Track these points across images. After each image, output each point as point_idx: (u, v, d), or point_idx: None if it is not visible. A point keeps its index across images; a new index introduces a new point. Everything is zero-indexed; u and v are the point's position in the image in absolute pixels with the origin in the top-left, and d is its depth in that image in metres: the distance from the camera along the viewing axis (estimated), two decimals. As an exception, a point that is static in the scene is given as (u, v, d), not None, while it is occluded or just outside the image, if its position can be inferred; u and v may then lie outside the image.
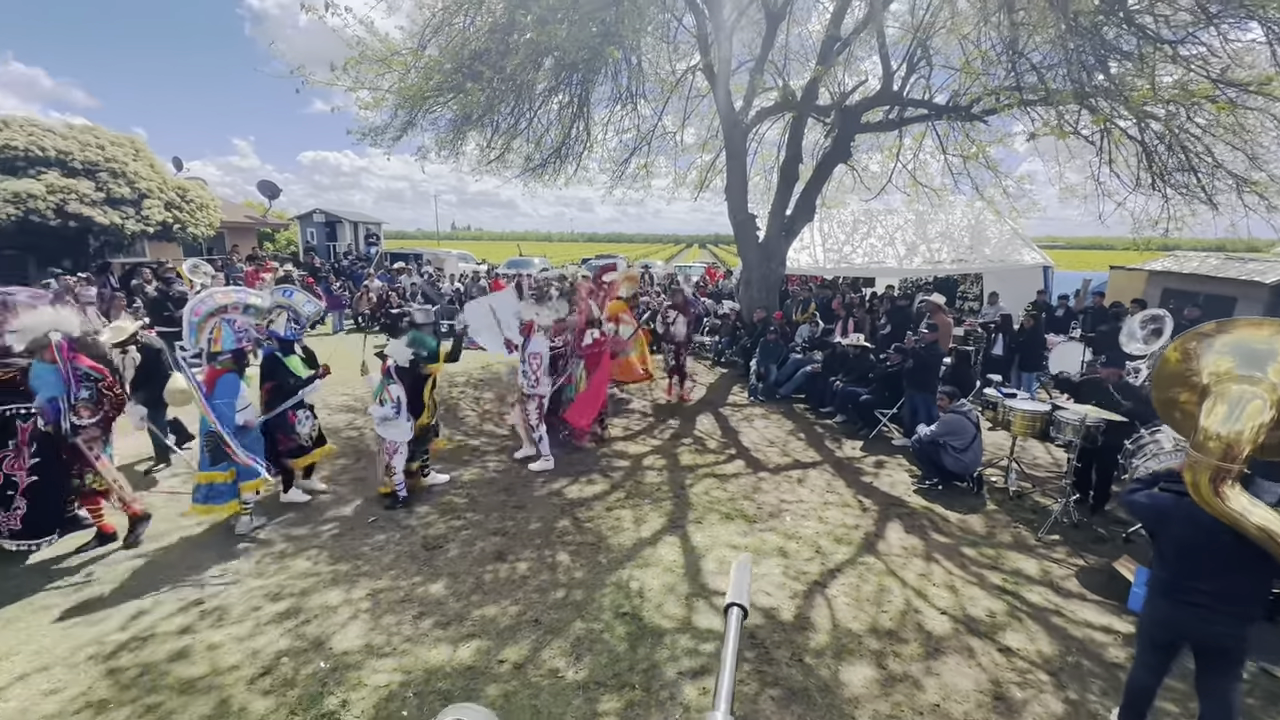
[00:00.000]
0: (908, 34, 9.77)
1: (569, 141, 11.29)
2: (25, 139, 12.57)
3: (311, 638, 3.60)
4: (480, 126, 10.13)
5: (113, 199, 13.13)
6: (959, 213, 14.85)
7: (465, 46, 8.42)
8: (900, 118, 10.72)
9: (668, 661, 3.46)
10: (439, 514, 5.25)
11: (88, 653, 3.44)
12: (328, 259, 22.08)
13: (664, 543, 4.85)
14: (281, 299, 5.41)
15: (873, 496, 5.89)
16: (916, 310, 11.19)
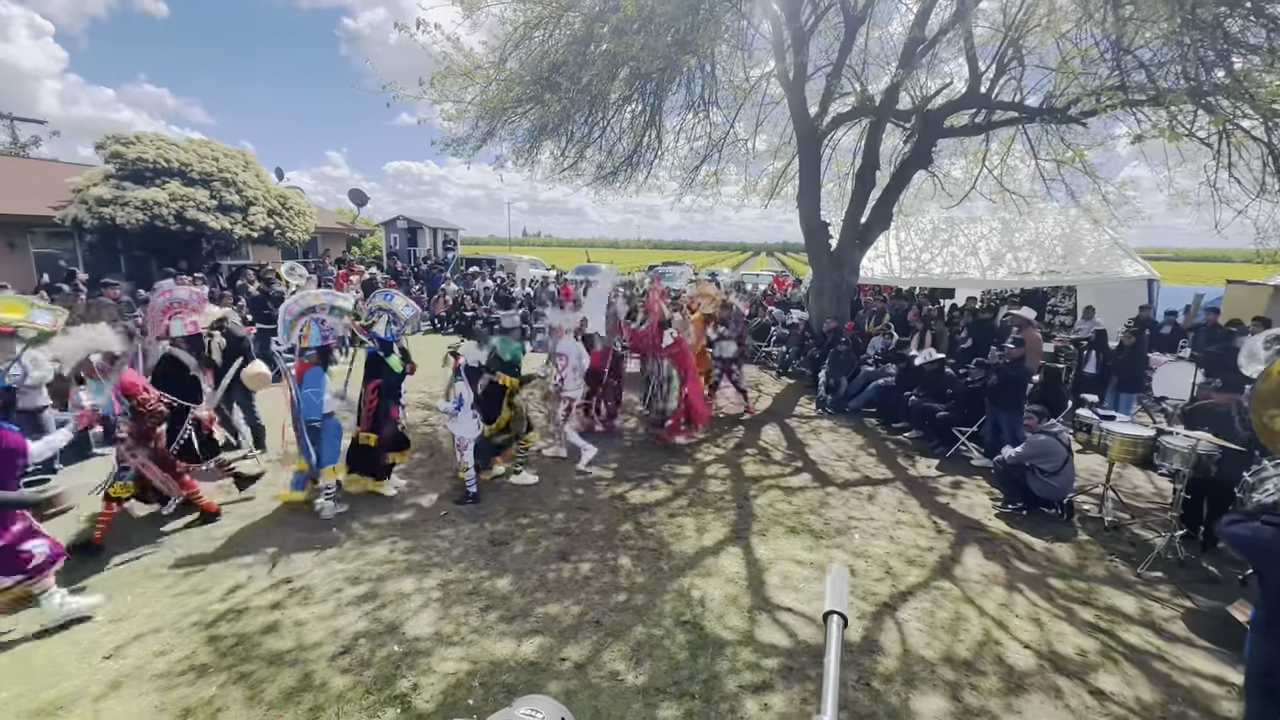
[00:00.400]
0: (998, 34, 9.29)
1: (640, 149, 11.41)
2: (154, 152, 13.97)
3: (386, 622, 3.78)
4: (555, 136, 10.42)
5: (224, 206, 14.36)
6: (1050, 221, 13.95)
7: (544, 59, 8.69)
8: (988, 121, 10.21)
9: (729, 674, 3.41)
10: (505, 511, 5.41)
11: (192, 620, 3.76)
12: (408, 263, 23.24)
13: (726, 553, 4.79)
14: (382, 302, 5.74)
15: (949, 518, 5.59)
16: (1001, 324, 10.59)
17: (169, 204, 13.34)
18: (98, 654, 3.43)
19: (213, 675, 3.29)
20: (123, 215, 12.91)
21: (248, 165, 15.68)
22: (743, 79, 11.02)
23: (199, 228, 13.79)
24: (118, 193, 13.08)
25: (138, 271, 14.53)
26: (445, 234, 28.16)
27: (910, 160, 10.64)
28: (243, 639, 3.59)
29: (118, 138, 14.05)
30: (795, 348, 11.87)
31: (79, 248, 14.62)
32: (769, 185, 13.35)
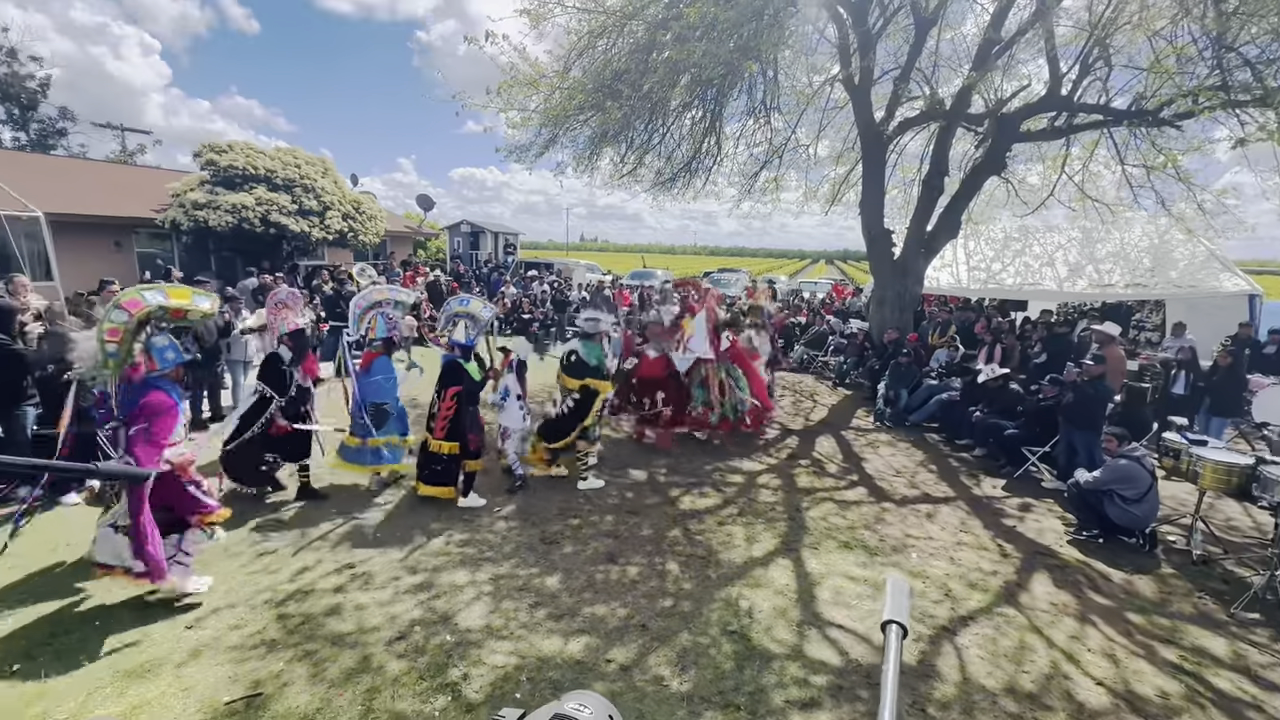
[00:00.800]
0: (1082, 33, 8.82)
1: (699, 155, 11.43)
2: (244, 160, 15.01)
3: (440, 612, 3.91)
4: (615, 143, 10.57)
5: (303, 210, 15.27)
6: (1138, 230, 13.08)
7: (607, 67, 8.84)
8: (1069, 125, 9.69)
9: (775, 688, 3.35)
10: (557, 511, 5.50)
11: (264, 598, 4.00)
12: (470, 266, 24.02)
13: (776, 565, 4.71)
14: (459, 307, 5.90)
15: (1016, 542, 5.31)
16: (1079, 339, 10.00)
17: (255, 208, 14.30)
18: (182, 624, 3.70)
19: (280, 651, 3.49)
20: (214, 218, 13.93)
21: (326, 172, 16.61)
22: (806, 84, 10.87)
23: (280, 230, 14.71)
24: (210, 197, 14.12)
25: (225, 270, 15.63)
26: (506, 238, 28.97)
27: (982, 166, 10.22)
28: (308, 619, 3.80)
29: (212, 146, 15.17)
30: (853, 358, 11.56)
31: (176, 248, 15.85)
32: (830, 191, 13.10)
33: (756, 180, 12.44)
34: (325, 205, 15.82)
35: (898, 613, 0.98)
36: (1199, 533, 5.35)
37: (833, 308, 16.27)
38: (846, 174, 12.64)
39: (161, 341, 3.89)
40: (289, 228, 14.78)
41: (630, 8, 8.67)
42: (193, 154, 15.33)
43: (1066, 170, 11.02)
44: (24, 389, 5.33)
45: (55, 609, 3.80)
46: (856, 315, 15.02)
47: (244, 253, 15.66)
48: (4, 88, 25.83)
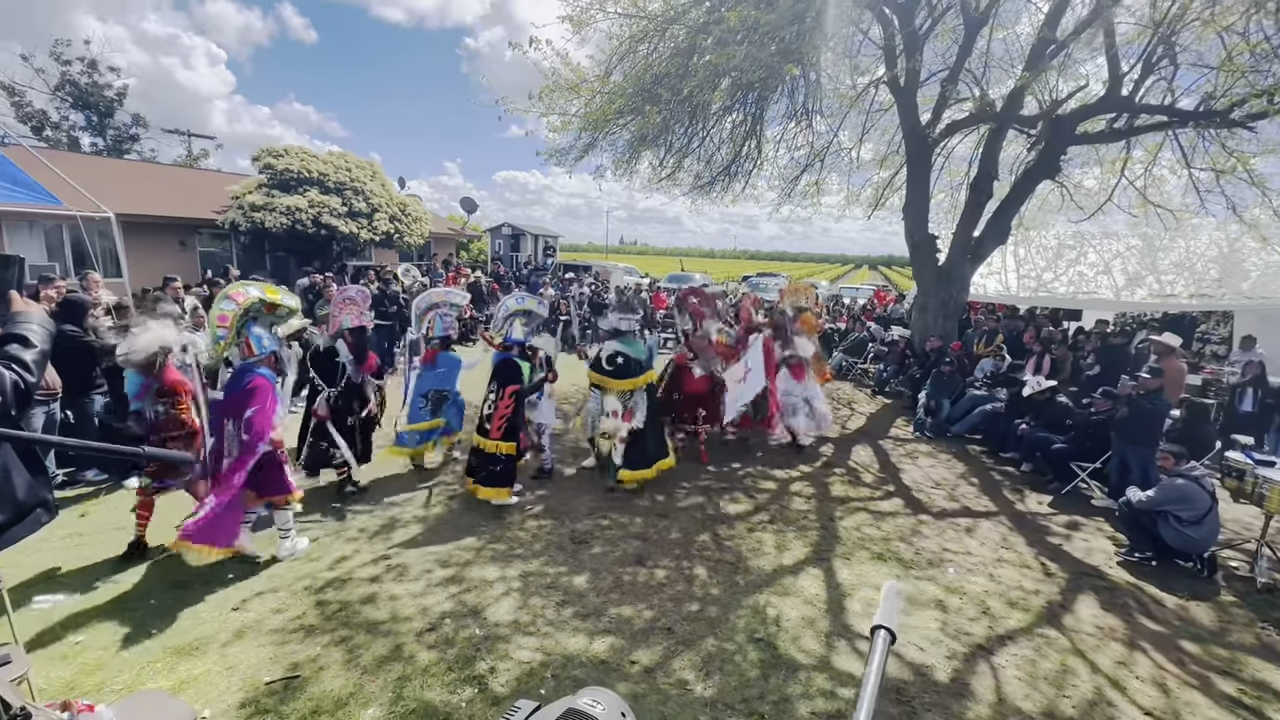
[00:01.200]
0: (1145, 30, 8.42)
1: (739, 159, 11.38)
2: (298, 164, 15.67)
3: (470, 605, 4.00)
4: (655, 146, 10.61)
5: (353, 212, 15.84)
6: (1205, 238, 12.39)
7: (647, 72, 8.90)
8: (1129, 126, 9.28)
9: (801, 698, 3.31)
10: (588, 511, 5.55)
11: (304, 584, 4.16)
12: (510, 268, 24.46)
13: (806, 573, 4.64)
14: (517, 305, 6.07)
15: (1060, 561, 5.10)
16: (1136, 351, 9.54)
17: (308, 210, 14.90)
18: (228, 605, 3.88)
19: (318, 636, 3.63)
20: (270, 219, 14.57)
21: (374, 175, 17.19)
22: (849, 86, 10.70)
23: (331, 231, 15.29)
24: (267, 199, 14.79)
25: (279, 269, 16.31)
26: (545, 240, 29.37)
27: (1035, 169, 9.87)
28: (345, 606, 3.93)
29: (270, 150, 15.88)
30: (894, 366, 11.30)
31: (234, 247, 16.64)
32: (873, 195, 12.85)
33: (797, 184, 12.30)
34: (373, 207, 16.37)
35: (887, 618, 0.98)
36: (1265, 559, 5.03)
37: (873, 314, 15.94)
38: (891, 178, 12.37)
39: (258, 330, 4.31)
40: (339, 229, 15.34)
41: (671, 12, 8.71)
42: (252, 158, 16.08)
43: (1127, 174, 10.53)
44: (93, 379, 5.69)
45: (115, 587, 4.04)
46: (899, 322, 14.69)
47: (297, 253, 16.33)
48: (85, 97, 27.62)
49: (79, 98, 27.50)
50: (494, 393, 5.49)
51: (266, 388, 4.19)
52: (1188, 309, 11.67)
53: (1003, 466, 7.53)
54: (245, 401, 4.10)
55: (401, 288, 12.12)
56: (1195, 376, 9.22)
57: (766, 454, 7.48)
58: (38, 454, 2.21)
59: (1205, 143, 9.09)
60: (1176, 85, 8.72)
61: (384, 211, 16.66)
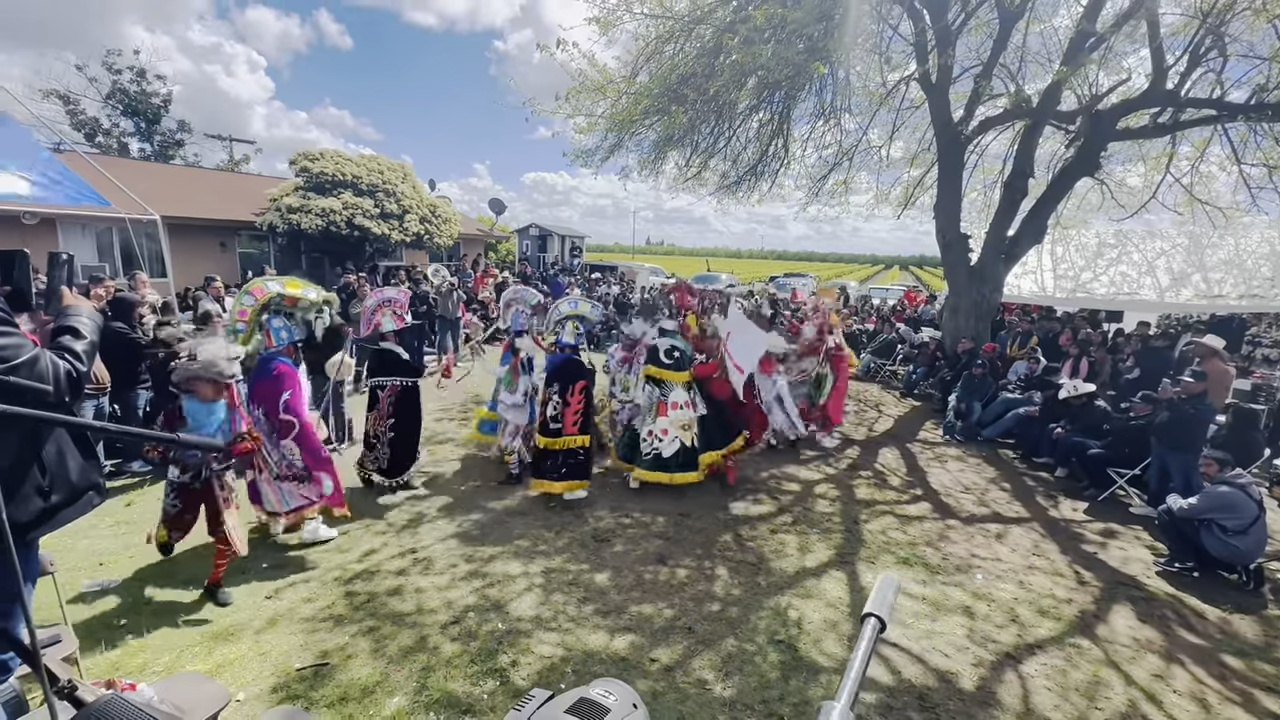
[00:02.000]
0: (1192, 21, 8.12)
1: (766, 158, 11.31)
2: (333, 167, 16.08)
3: (493, 599, 4.07)
4: (681, 146, 10.62)
5: (385, 213, 16.19)
6: (1256, 236, 11.88)
7: (673, 72, 8.90)
8: (1175, 121, 8.96)
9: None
10: (610, 510, 5.58)
11: (334, 575, 4.29)
12: (537, 269, 24.69)
13: (829, 576, 4.61)
14: (570, 309, 6.17)
15: (1095, 569, 4.96)
16: (1180, 355, 9.20)
17: (342, 212, 15.29)
18: (261, 594, 4.02)
19: (347, 625, 3.73)
20: (306, 221, 14.99)
21: (405, 177, 17.54)
22: (878, 83, 10.55)
23: (364, 233, 15.65)
24: (303, 202, 15.21)
25: (314, 270, 16.77)
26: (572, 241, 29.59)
27: (1073, 167, 9.60)
28: (373, 597, 4.04)
29: (306, 154, 16.34)
30: (924, 367, 11.10)
31: (271, 248, 17.15)
32: (903, 194, 12.66)
33: (825, 183, 12.18)
34: (405, 209, 16.70)
35: (879, 607, 0.99)
36: (1316, 572, 4.81)
37: (903, 315, 15.67)
38: (921, 176, 12.16)
39: (278, 323, 4.51)
40: (371, 230, 15.69)
41: (698, 12, 8.70)
42: (289, 161, 16.57)
43: (1172, 171, 10.17)
44: (138, 374, 5.94)
45: (157, 573, 4.22)
46: (929, 323, 14.41)
47: (331, 253, 16.76)
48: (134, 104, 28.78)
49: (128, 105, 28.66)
50: (557, 393, 5.61)
51: (292, 373, 4.39)
52: (1237, 310, 11.20)
53: (1036, 472, 7.34)
54: (276, 388, 4.30)
55: (431, 288, 12.35)
56: (1244, 381, 8.84)
57: (790, 456, 7.42)
58: (89, 439, 2.33)
59: (1257, 137, 8.73)
60: (1226, 77, 8.40)
61: (415, 213, 16.98)
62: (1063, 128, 10.30)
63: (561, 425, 5.57)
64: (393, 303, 5.72)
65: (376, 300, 5.72)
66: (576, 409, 5.58)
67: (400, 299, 5.80)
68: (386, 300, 5.72)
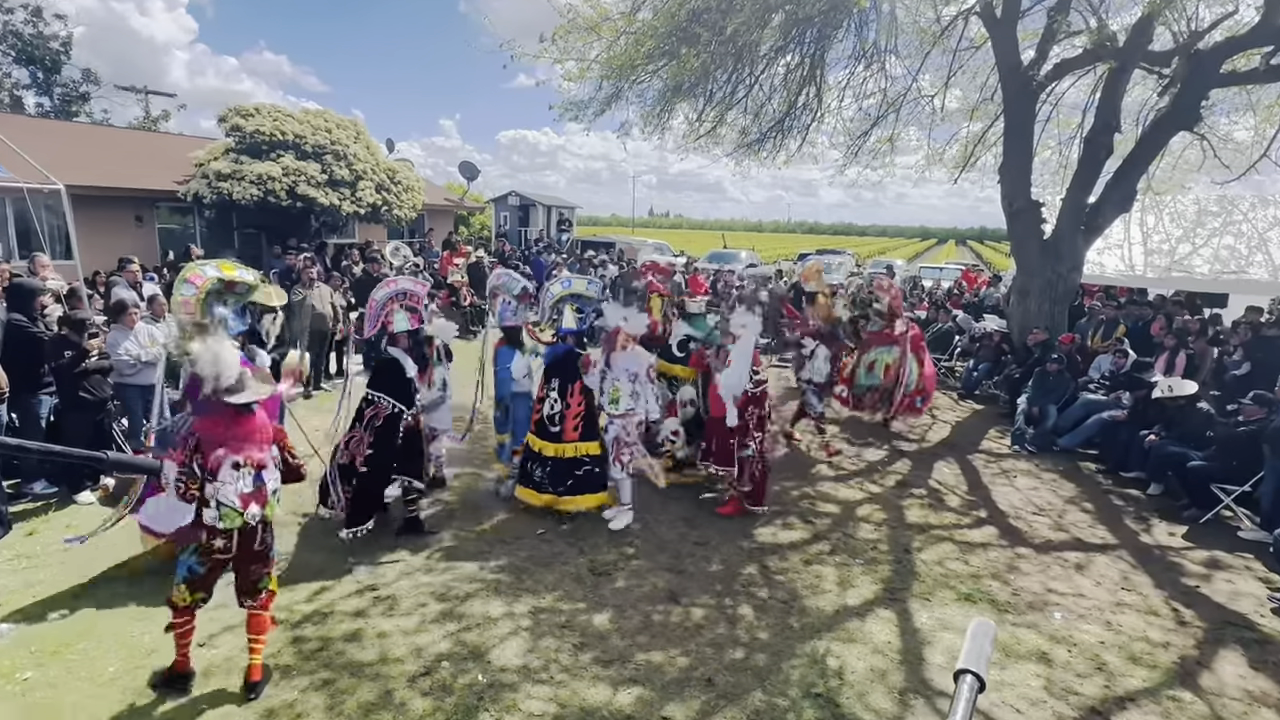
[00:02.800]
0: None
1: (794, 111, 11.29)
2: (271, 124, 16.06)
3: (471, 645, 4.08)
4: (691, 97, 10.61)
5: (333, 180, 16.18)
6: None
7: (682, 7, 8.89)
8: (1291, 62, 8.91)
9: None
10: (609, 537, 5.60)
11: (279, 617, 4.29)
12: (518, 245, 24.70)
13: (875, 616, 4.62)
14: (562, 289, 6.10)
15: (1198, 607, 4.97)
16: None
17: (282, 179, 15.27)
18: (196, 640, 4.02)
19: (295, 678, 3.75)
20: (239, 190, 14.98)
21: (358, 136, 17.53)
22: (931, 19, 10.52)
23: (308, 203, 15.65)
24: (235, 167, 15.20)
25: (249, 248, 16.79)
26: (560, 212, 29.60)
27: (1167, 119, 9.59)
28: (326, 643, 4.05)
29: (238, 110, 16.32)
30: (987, 363, 11.11)
31: (198, 223, 17.16)
32: (961, 154, 12.65)
33: (866, 140, 12.17)
34: (357, 175, 16.69)
35: (975, 661, 0.98)
36: None
37: (961, 300, 15.65)
38: (983, 131, 12.15)
39: (222, 311, 4.51)
40: (317, 201, 15.67)
41: (712, -67, 8.69)
42: (218, 118, 16.53)
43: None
44: (40, 376, 5.95)
45: (69, 618, 4.23)
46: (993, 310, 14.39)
47: (269, 229, 16.76)
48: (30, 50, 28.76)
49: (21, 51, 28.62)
50: (555, 390, 5.68)
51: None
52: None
53: (1124, 489, 7.35)
54: None
55: (391, 270, 12.37)
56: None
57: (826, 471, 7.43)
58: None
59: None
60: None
61: (369, 179, 16.97)
62: (1155, 72, 10.27)
63: (561, 429, 5.62)
64: (408, 296, 5.49)
65: (388, 292, 5.48)
66: (578, 411, 5.64)
67: (418, 291, 5.59)
68: (401, 293, 5.48)
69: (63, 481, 5.99)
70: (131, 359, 6.24)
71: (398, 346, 5.37)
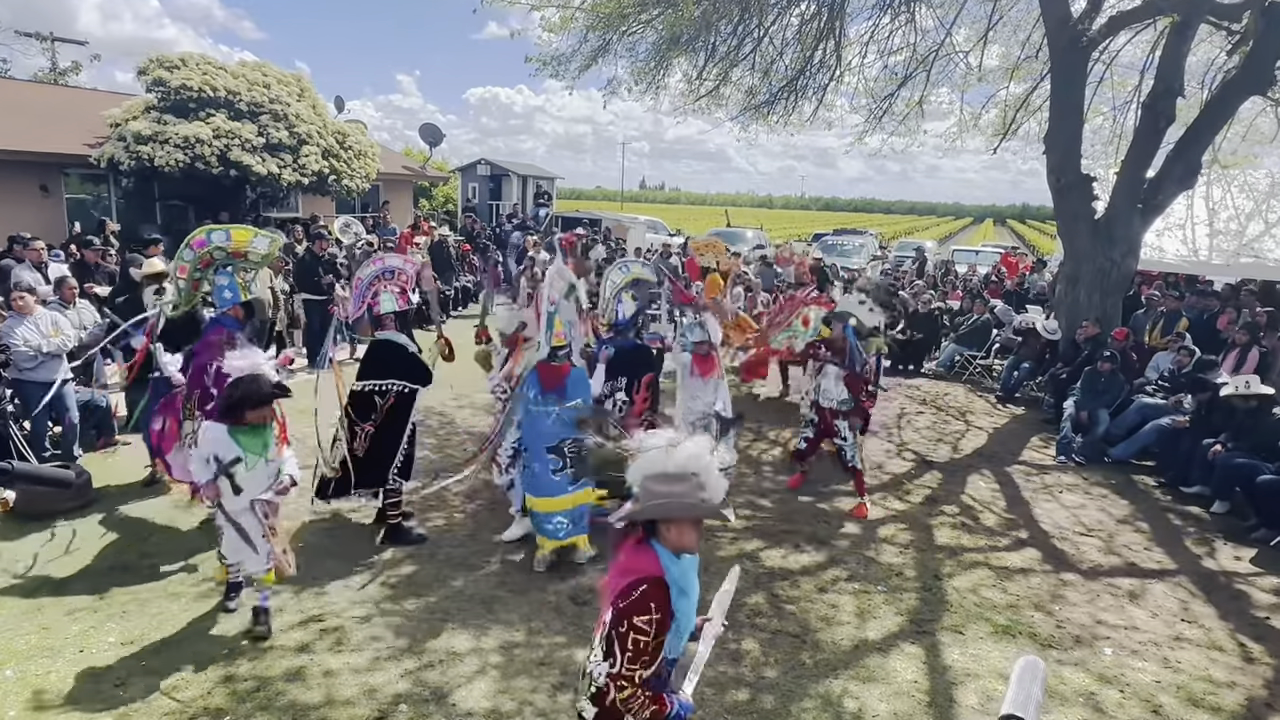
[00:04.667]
0: None
1: (809, 69, 11.31)
2: (200, 78, 15.94)
3: (433, 686, 4.08)
4: (690, 51, 10.62)
5: (271, 145, 16.09)
6: None
7: (680, -54, 8.88)
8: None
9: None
10: (591, 559, 5.60)
11: (209, 653, 4.28)
12: (489, 221, 24.62)
13: (899, 651, 4.65)
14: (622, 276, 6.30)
15: (1268, 641, 5.03)
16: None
17: (212, 142, 15.16)
18: (109, 680, 4.01)
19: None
20: (162, 155, 14.85)
21: (303, 94, 17.43)
22: (969, -37, 10.57)
23: (243, 171, 15.55)
24: (158, 128, 15.07)
25: (175, 222, 16.65)
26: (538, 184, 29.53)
27: (1237, 82, 9.68)
28: (263, 683, 4.03)
29: (161, 60, 16.18)
30: (1029, 361, 11.19)
31: (113, 193, 17.00)
32: (1000, 119, 12.71)
33: (892, 102, 12.20)
34: (300, 139, 16.59)
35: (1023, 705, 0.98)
36: None
37: (1000, 288, 15.74)
38: (1026, 94, 12.23)
39: (221, 280, 5.04)
40: (253, 168, 15.58)
41: None
42: (137, 71, 16.38)
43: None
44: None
45: (-42, 651, 4.20)
46: (1036, 300, 14.46)
47: (197, 201, 16.63)
48: (-86, -12, 28.39)
49: (-93, -10, 28.27)
50: (620, 389, 6.07)
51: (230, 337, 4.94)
52: None
53: (1185, 506, 7.43)
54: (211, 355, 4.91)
55: (340, 249, 12.31)
56: None
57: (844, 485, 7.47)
58: None
59: None
60: None
61: (315, 144, 16.87)
62: (1223, 27, 10.34)
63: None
64: (396, 275, 5.71)
65: (375, 270, 5.68)
66: (642, 409, 6.08)
67: (407, 270, 5.83)
68: (387, 271, 5.70)
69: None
70: (31, 350, 6.19)
71: (385, 329, 5.61)
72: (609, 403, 5.97)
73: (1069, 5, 9.92)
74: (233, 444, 4.14)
